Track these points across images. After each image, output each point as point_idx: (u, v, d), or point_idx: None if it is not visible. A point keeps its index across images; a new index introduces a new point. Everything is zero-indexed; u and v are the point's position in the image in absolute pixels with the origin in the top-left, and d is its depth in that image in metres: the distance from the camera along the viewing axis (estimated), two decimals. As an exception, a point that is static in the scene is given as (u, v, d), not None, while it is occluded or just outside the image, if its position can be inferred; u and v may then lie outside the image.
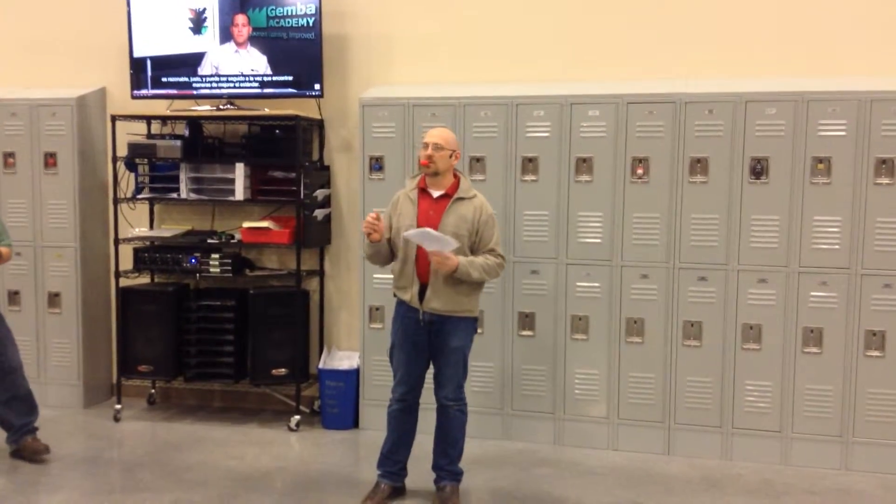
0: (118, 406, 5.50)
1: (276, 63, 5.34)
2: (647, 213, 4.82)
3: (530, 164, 4.96)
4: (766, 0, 4.93)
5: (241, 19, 5.35)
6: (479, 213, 4.02)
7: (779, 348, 4.71)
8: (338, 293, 5.69)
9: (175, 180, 5.45)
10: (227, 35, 5.39)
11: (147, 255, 5.48)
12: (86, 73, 5.86)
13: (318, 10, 5.23)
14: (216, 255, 5.40)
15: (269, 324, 5.37)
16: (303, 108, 5.36)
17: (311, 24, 5.24)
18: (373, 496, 4.14)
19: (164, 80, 5.51)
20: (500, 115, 4.98)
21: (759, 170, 4.67)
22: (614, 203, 4.86)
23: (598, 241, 4.90)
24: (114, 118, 5.46)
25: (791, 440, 4.72)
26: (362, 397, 5.30)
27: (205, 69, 5.45)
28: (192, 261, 5.39)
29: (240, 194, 5.31)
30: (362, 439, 5.16)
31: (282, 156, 5.31)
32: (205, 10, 5.40)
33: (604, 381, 4.94)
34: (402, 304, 4.08)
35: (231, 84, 5.42)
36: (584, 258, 4.93)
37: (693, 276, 4.79)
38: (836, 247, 4.61)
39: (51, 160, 5.63)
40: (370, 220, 3.94)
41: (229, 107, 5.43)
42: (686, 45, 5.02)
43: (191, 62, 5.46)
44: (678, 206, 4.78)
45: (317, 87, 5.30)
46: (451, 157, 4.03)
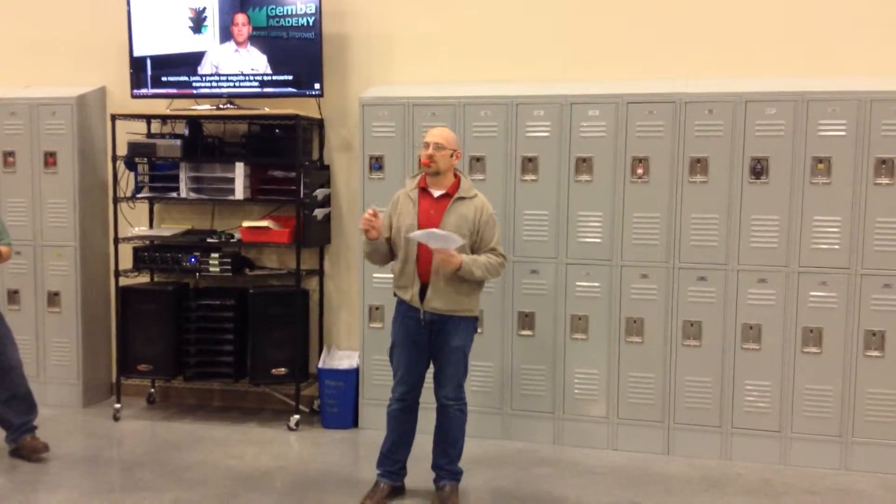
0: (118, 405, 5.50)
1: (276, 62, 5.34)
2: (646, 213, 4.82)
3: (530, 163, 4.96)
4: (766, 0, 4.94)
5: (241, 18, 5.35)
6: (480, 213, 4.02)
7: (778, 348, 4.71)
8: (337, 292, 5.69)
9: (175, 179, 5.45)
10: (227, 34, 5.39)
11: (147, 255, 5.49)
12: (86, 72, 5.86)
13: (318, 10, 5.23)
14: (216, 255, 5.40)
15: (268, 323, 5.37)
16: (303, 107, 5.36)
17: (311, 24, 5.24)
18: (372, 495, 4.14)
19: (164, 79, 5.51)
20: (500, 114, 4.98)
21: (759, 170, 4.67)
22: (614, 203, 4.86)
23: (598, 240, 4.90)
24: (114, 117, 5.46)
25: (791, 440, 4.72)
26: (362, 397, 5.31)
27: (205, 68, 5.45)
28: (192, 260, 5.40)
29: (239, 194, 5.31)
30: (362, 439, 5.16)
31: (282, 155, 5.31)
32: (205, 9, 5.40)
33: (603, 380, 4.94)
34: (402, 303, 4.08)
35: (231, 83, 5.42)
36: (583, 258, 4.93)
37: (693, 275, 4.79)
38: (836, 247, 4.61)
39: (50, 159, 5.62)
40: (367, 216, 3.95)
41: (229, 106, 5.43)
42: (686, 45, 5.02)
43: (191, 61, 5.46)
44: (678, 206, 4.78)
45: (317, 86, 5.30)
46: (451, 156, 4.04)
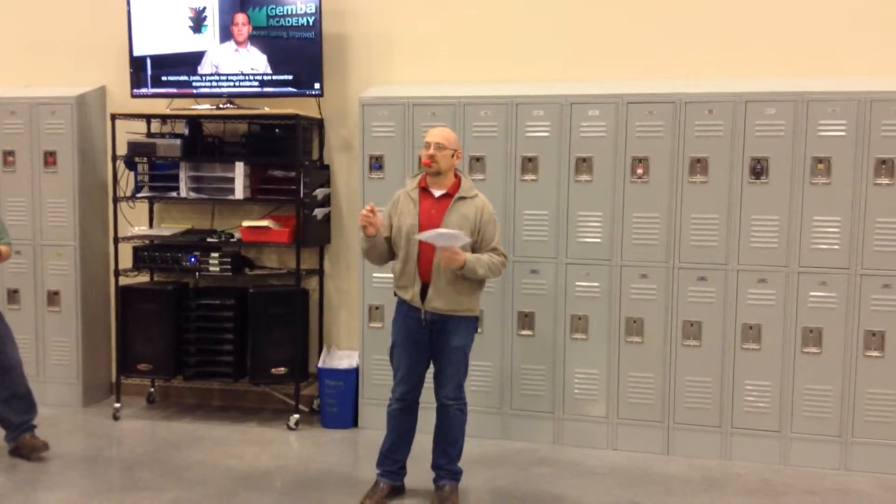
0: (117, 405, 5.50)
1: (275, 62, 5.34)
2: (646, 213, 4.82)
3: (530, 163, 4.96)
4: (766, 0, 4.94)
5: (241, 18, 5.35)
6: (481, 213, 4.02)
7: (778, 348, 4.71)
8: (337, 292, 5.69)
9: (175, 179, 5.45)
10: (227, 34, 5.39)
11: (146, 254, 5.49)
12: (86, 71, 5.86)
13: (318, 10, 5.23)
14: (216, 254, 5.40)
15: (268, 323, 5.37)
16: (303, 107, 5.36)
17: (311, 24, 5.24)
18: (372, 495, 4.14)
19: (164, 78, 5.50)
20: (500, 114, 4.98)
21: (758, 170, 4.67)
22: (614, 203, 4.86)
23: (598, 240, 4.90)
24: (113, 117, 5.46)
25: (790, 440, 4.72)
26: (362, 396, 5.31)
27: (205, 68, 5.45)
28: (192, 259, 5.40)
29: (239, 193, 5.31)
30: (361, 438, 5.16)
31: (281, 155, 5.31)
32: (205, 8, 5.40)
33: (603, 380, 4.94)
34: (403, 303, 4.08)
35: (231, 83, 5.42)
36: (583, 258, 4.93)
37: (693, 275, 4.79)
38: (836, 247, 4.61)
39: (50, 159, 5.62)
40: (365, 212, 3.94)
41: (229, 106, 5.43)
42: (686, 45, 5.02)
43: (191, 61, 5.46)
44: (678, 206, 4.78)
45: (317, 86, 5.30)
46: (452, 156, 4.04)
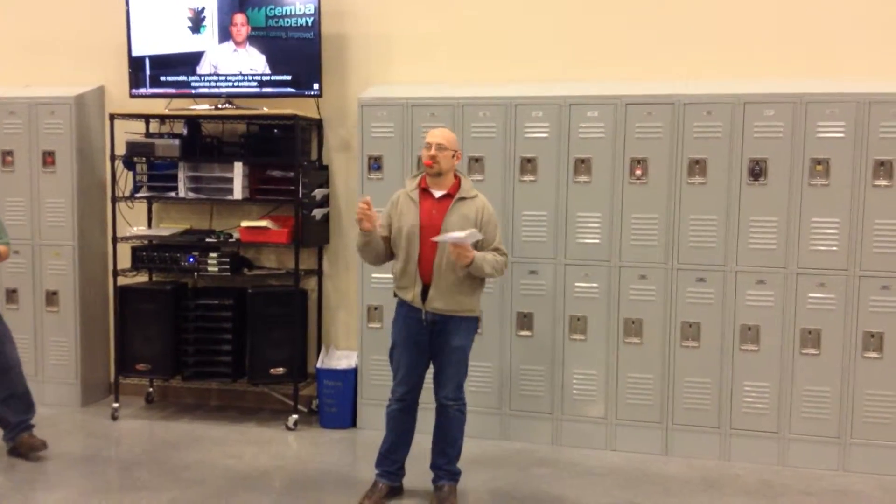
0: (116, 404, 5.49)
1: (274, 62, 5.33)
2: (645, 214, 4.82)
3: (529, 164, 4.96)
4: (765, 1, 4.94)
5: (239, 18, 5.35)
6: (482, 213, 4.02)
7: (777, 349, 4.71)
8: (336, 293, 5.69)
9: (173, 179, 5.44)
10: (225, 34, 5.39)
11: (145, 254, 5.48)
12: (84, 71, 5.85)
13: (317, 10, 5.22)
14: (214, 254, 5.40)
15: (267, 323, 5.36)
16: (301, 107, 5.36)
17: (310, 24, 5.24)
18: (370, 495, 4.14)
19: (163, 79, 5.50)
20: (499, 115, 4.98)
21: (757, 171, 4.67)
22: (613, 204, 4.86)
23: (597, 241, 4.90)
24: (112, 117, 5.45)
25: (789, 441, 4.72)
26: (360, 397, 5.30)
27: (203, 68, 5.45)
28: (191, 260, 5.40)
29: (238, 193, 5.31)
30: (360, 438, 5.16)
31: (280, 155, 5.31)
32: (204, 9, 5.39)
33: (602, 381, 4.95)
34: (403, 304, 4.08)
35: (230, 83, 5.41)
36: (582, 259, 4.93)
37: (691, 276, 4.79)
38: (835, 248, 4.62)
39: (49, 159, 5.62)
40: (362, 206, 3.93)
41: (228, 106, 5.43)
42: (686, 46, 5.03)
43: (189, 61, 5.45)
44: (677, 207, 4.78)
45: (315, 86, 5.30)
46: (453, 157, 4.04)
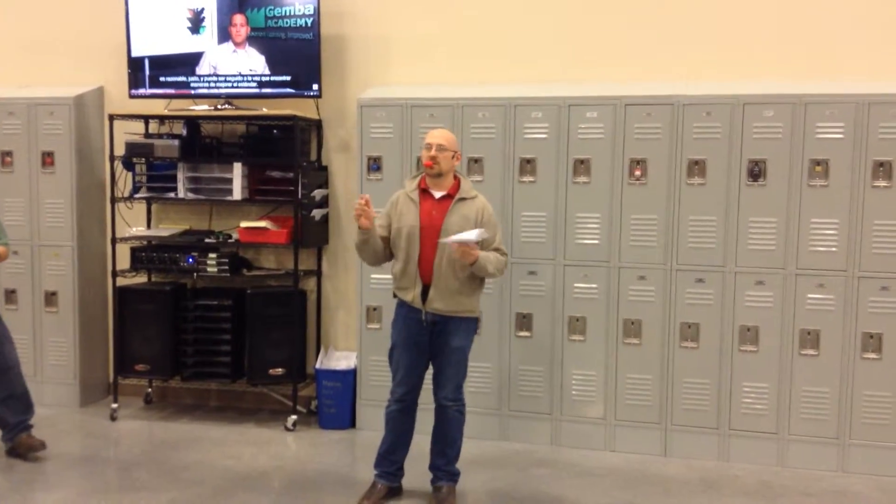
0: (115, 405, 5.49)
1: (274, 63, 5.33)
2: (644, 215, 4.82)
3: (528, 165, 4.96)
4: (764, 2, 4.95)
5: (239, 19, 5.35)
6: (482, 214, 4.03)
7: (776, 350, 4.71)
8: (335, 293, 5.69)
9: (173, 180, 5.44)
10: (225, 35, 5.39)
11: (144, 255, 5.48)
12: (84, 72, 5.85)
13: (317, 11, 5.23)
14: (213, 255, 5.40)
15: (266, 323, 5.36)
16: (301, 108, 5.36)
17: (309, 25, 5.24)
18: (369, 496, 4.13)
19: (162, 79, 5.50)
20: (498, 116, 4.98)
21: (756, 172, 4.67)
22: (612, 204, 4.86)
23: (596, 242, 4.90)
24: (111, 117, 5.45)
25: (788, 442, 4.72)
26: (359, 397, 5.30)
27: (203, 69, 5.45)
28: (190, 260, 5.40)
29: (237, 194, 5.31)
30: (359, 439, 5.16)
31: (280, 156, 5.31)
32: (203, 9, 5.40)
33: (601, 382, 4.95)
34: (403, 305, 4.07)
35: (229, 84, 5.41)
36: (581, 259, 4.93)
37: (690, 277, 4.79)
38: (834, 249, 4.62)
39: (48, 159, 5.62)
40: (360, 203, 3.91)
41: (227, 107, 5.43)
42: (685, 46, 5.03)
43: (189, 62, 5.46)
44: (676, 208, 4.78)
45: (315, 87, 5.30)
46: (453, 157, 4.05)
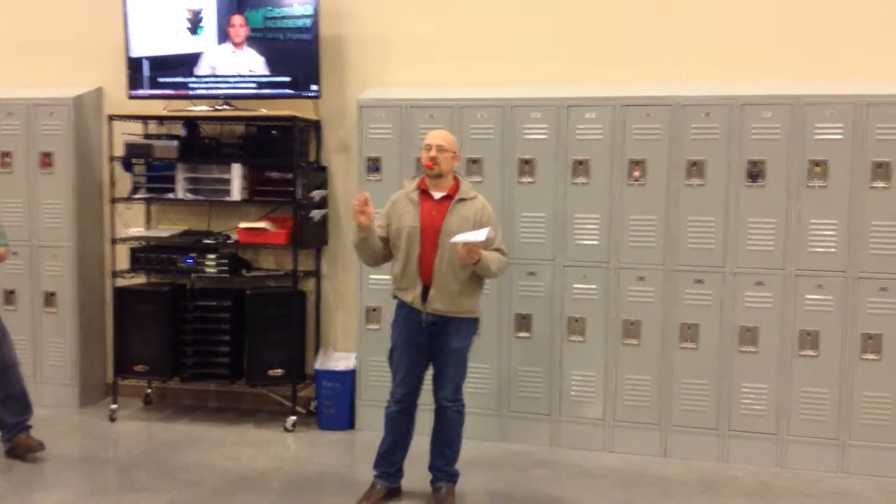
0: (114, 406, 5.49)
1: (273, 64, 5.33)
2: (643, 216, 4.82)
3: (527, 165, 4.96)
4: (763, 3, 4.95)
5: (238, 20, 5.35)
6: (481, 214, 4.03)
7: (775, 351, 4.71)
8: (334, 294, 5.68)
9: (171, 180, 5.44)
10: (224, 35, 5.39)
11: (143, 255, 5.48)
12: (82, 72, 5.85)
13: (316, 12, 5.22)
14: (212, 256, 5.39)
15: (265, 324, 5.36)
16: (300, 108, 5.36)
17: (308, 26, 5.24)
18: (368, 497, 4.13)
19: (161, 80, 5.50)
20: (497, 116, 4.98)
21: (755, 173, 4.67)
22: (611, 205, 4.86)
23: (595, 243, 4.90)
24: (110, 118, 5.46)
25: (787, 443, 4.72)
26: (358, 398, 5.30)
27: (202, 69, 5.45)
28: (189, 261, 5.39)
29: (236, 195, 5.31)
30: (358, 440, 5.16)
31: (279, 156, 5.31)
32: (202, 10, 5.39)
33: (600, 383, 4.94)
34: (403, 305, 4.07)
35: (228, 84, 5.41)
36: (580, 260, 4.93)
37: (690, 278, 4.79)
38: (833, 250, 4.62)
39: (47, 160, 5.61)
40: (359, 200, 3.90)
41: (226, 107, 5.43)
42: (684, 47, 5.03)
43: (188, 62, 5.45)
44: (675, 209, 4.78)
45: (314, 87, 5.29)
46: (452, 158, 4.05)
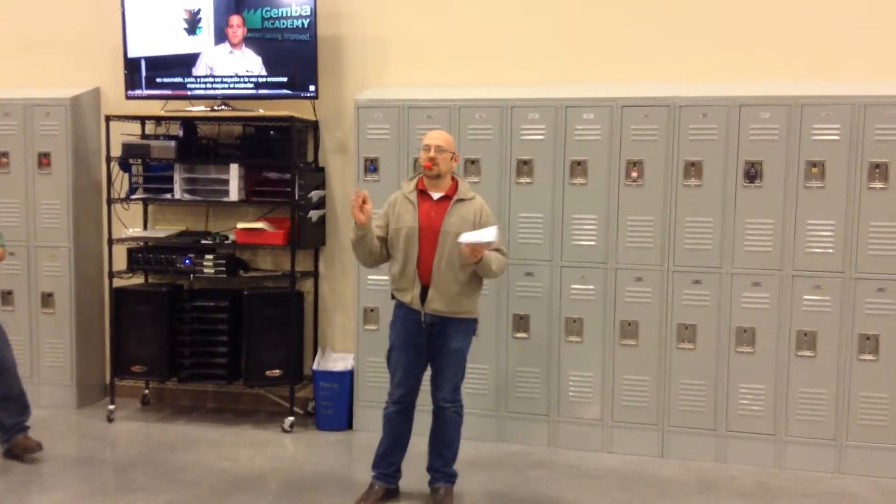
0: (111, 406, 5.49)
1: (270, 64, 5.33)
2: (641, 216, 4.83)
3: (525, 166, 4.96)
4: (762, 4, 4.95)
5: (235, 20, 5.35)
6: (480, 215, 4.03)
7: (773, 352, 4.72)
8: (332, 294, 5.68)
9: (169, 181, 5.44)
10: (221, 36, 5.38)
11: (141, 256, 5.47)
12: (80, 73, 5.85)
13: (313, 12, 5.22)
14: (210, 256, 5.39)
15: (263, 325, 5.36)
16: (297, 109, 5.35)
17: (305, 26, 5.24)
18: (366, 497, 4.14)
19: (159, 80, 5.49)
20: (495, 117, 4.98)
21: (753, 173, 4.68)
22: (609, 206, 4.86)
23: (593, 243, 4.90)
24: (108, 118, 5.44)
25: (785, 443, 4.73)
26: (356, 399, 5.30)
27: (199, 70, 5.44)
28: (186, 261, 5.39)
29: (234, 195, 5.31)
30: (356, 441, 5.16)
31: (276, 157, 5.30)
32: (199, 10, 5.39)
33: (598, 383, 4.95)
34: (401, 306, 4.07)
35: (226, 85, 5.41)
36: (578, 261, 4.93)
37: (687, 279, 4.79)
38: (830, 251, 4.62)
39: (44, 160, 5.61)
40: (357, 198, 3.89)
41: (224, 108, 5.42)
42: (683, 47, 5.03)
43: (185, 63, 5.45)
44: (672, 210, 4.78)
45: (311, 88, 5.29)
46: (451, 158, 4.05)
